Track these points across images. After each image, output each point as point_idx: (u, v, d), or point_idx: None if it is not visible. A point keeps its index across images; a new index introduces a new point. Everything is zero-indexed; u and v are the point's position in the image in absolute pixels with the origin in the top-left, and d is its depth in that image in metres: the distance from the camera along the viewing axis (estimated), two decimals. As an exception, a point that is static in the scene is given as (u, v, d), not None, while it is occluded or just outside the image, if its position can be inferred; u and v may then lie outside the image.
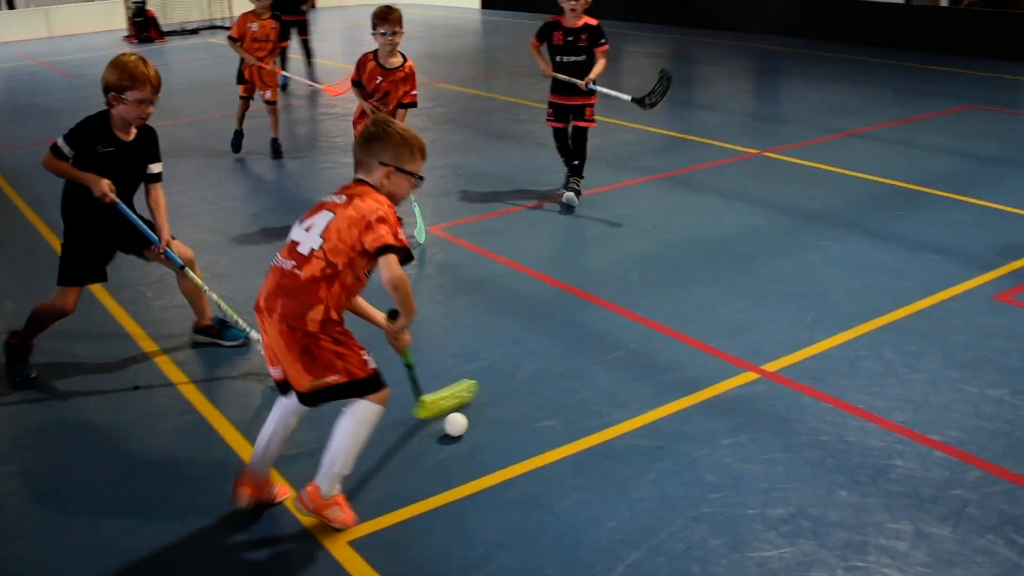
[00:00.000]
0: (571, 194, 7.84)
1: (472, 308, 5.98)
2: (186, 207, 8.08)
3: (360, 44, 15.24)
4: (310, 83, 12.33)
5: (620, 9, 19.21)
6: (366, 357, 3.75)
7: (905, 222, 7.20)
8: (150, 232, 5.13)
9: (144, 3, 19.59)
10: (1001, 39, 14.67)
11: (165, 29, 20.07)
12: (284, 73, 10.82)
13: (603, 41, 7.71)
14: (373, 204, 3.69)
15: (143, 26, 19.49)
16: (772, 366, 5.05)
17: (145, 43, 19.15)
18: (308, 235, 3.70)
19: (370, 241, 3.62)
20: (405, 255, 3.69)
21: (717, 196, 8.04)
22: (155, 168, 5.17)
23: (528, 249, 6.89)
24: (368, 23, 7.18)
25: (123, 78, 4.78)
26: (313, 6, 13.60)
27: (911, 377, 4.92)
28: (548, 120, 8.06)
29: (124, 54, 4.90)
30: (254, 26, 9.52)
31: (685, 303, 5.91)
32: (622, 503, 3.98)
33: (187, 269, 5.28)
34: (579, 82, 7.60)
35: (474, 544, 3.74)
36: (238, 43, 9.55)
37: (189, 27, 20.77)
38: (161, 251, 5.16)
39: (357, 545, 3.76)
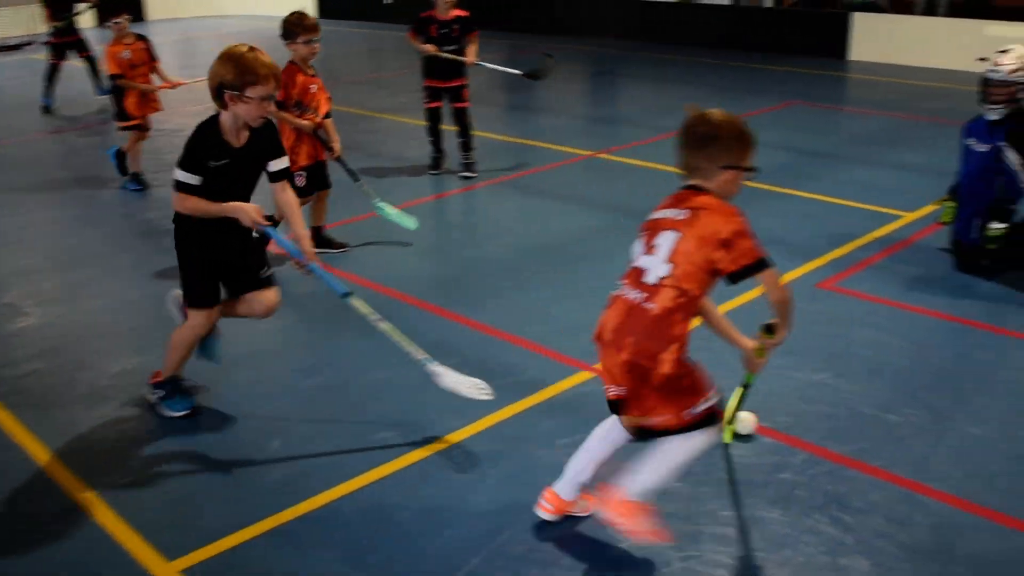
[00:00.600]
0: (469, 172, 8.81)
1: (308, 324, 5.90)
2: (12, 231, 7.76)
3: (196, 57, 14.93)
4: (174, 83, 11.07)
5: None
6: (711, 393, 3.47)
7: (734, 217, 7.43)
8: (294, 248, 4.57)
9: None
10: (822, 37, 15.29)
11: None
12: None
13: (474, 28, 8.62)
14: (723, 217, 3.32)
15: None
16: (607, 364, 5.13)
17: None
18: (654, 260, 3.37)
19: (731, 260, 3.28)
20: (771, 264, 3.39)
21: (554, 199, 8.15)
22: (278, 164, 4.67)
23: (367, 261, 6.85)
24: (202, 36, 7.02)
25: (244, 73, 4.21)
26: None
27: (739, 365, 5.06)
28: (425, 103, 8.89)
29: (234, 46, 4.33)
30: (126, 53, 8.63)
31: (524, 307, 5.97)
32: (462, 510, 3.99)
33: (351, 297, 4.72)
34: (466, 60, 8.54)
35: (311, 564, 3.69)
36: (122, 79, 8.65)
37: (10, 43, 19.95)
38: (305, 266, 4.60)
39: (190, 573, 3.66)
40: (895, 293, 5.97)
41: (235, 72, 4.21)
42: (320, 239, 6.90)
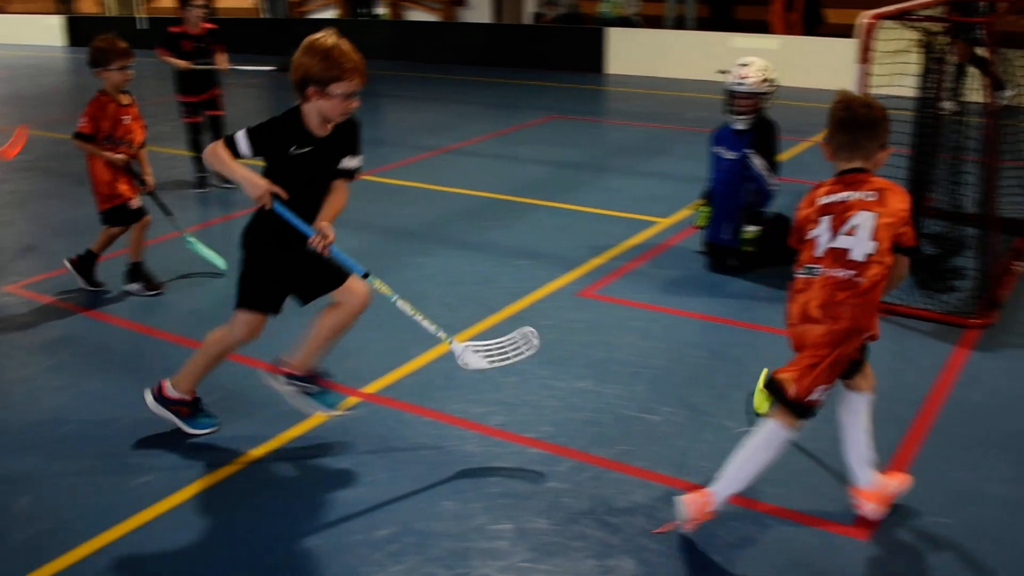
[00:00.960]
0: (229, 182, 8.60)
1: (59, 369, 5.54)
2: None
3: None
4: None
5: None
6: None
7: (496, 231, 7.49)
8: (309, 228, 4.28)
9: None
10: (579, 52, 15.72)
11: None
12: None
13: (222, 40, 9.00)
14: (902, 196, 3.64)
15: None
16: (372, 387, 5.06)
17: None
18: (857, 240, 3.58)
19: (911, 236, 3.63)
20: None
21: (318, 223, 7.99)
22: (352, 163, 4.46)
23: (119, 298, 6.52)
24: None
25: (330, 68, 4.04)
26: None
27: (505, 380, 5.08)
28: (184, 118, 9.19)
29: (320, 36, 4.10)
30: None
31: (285, 336, 5.77)
32: (223, 549, 3.82)
33: (371, 277, 4.55)
34: (223, 67, 8.90)
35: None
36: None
37: None
38: (323, 246, 4.27)
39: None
40: (653, 297, 6.15)
41: (321, 66, 4.05)
42: (139, 274, 6.54)
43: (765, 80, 6.42)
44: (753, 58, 6.54)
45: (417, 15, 20.57)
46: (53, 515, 4.12)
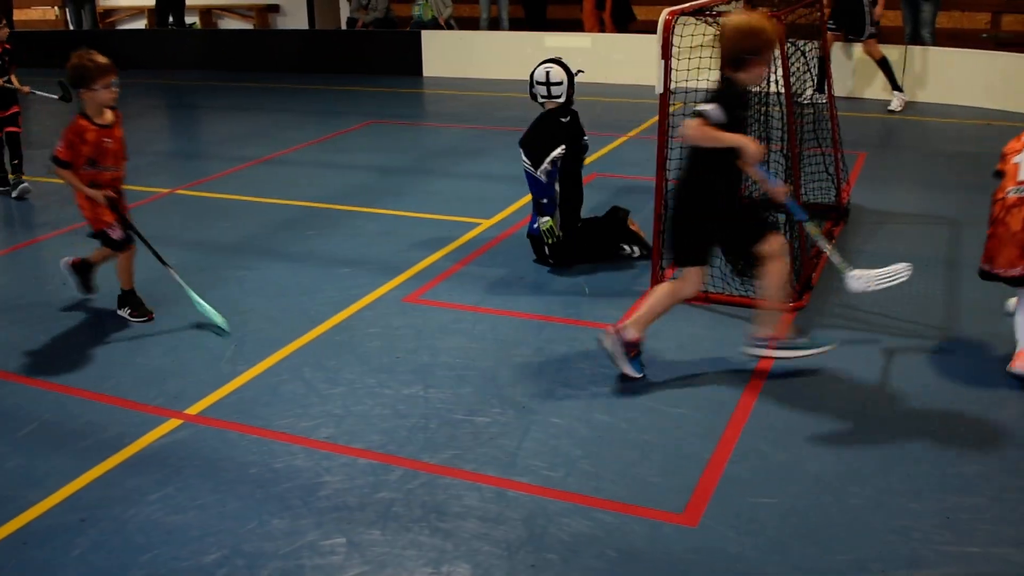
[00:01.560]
0: (25, 185, 9.09)
1: None
2: None
3: None
4: None
5: None
6: None
7: (318, 240, 7.41)
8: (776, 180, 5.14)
9: None
10: (395, 56, 15.69)
11: None
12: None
13: (16, 59, 9.05)
14: None
15: None
16: (195, 408, 4.92)
17: None
18: None
19: None
20: None
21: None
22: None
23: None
24: None
25: (761, 40, 4.68)
26: None
27: (331, 391, 5.04)
28: None
29: (744, 17, 4.81)
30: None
31: (101, 359, 5.60)
32: (41, 591, 3.66)
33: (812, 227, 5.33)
34: (22, 88, 8.90)
35: None
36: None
37: None
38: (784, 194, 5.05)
39: None
40: (477, 298, 6.19)
41: (756, 41, 4.67)
42: (128, 301, 6.16)
43: (532, 77, 6.70)
44: (543, 61, 6.75)
45: (230, 24, 20.16)
46: None
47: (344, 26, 18.13)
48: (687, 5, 6.57)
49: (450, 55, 15.37)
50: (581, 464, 4.34)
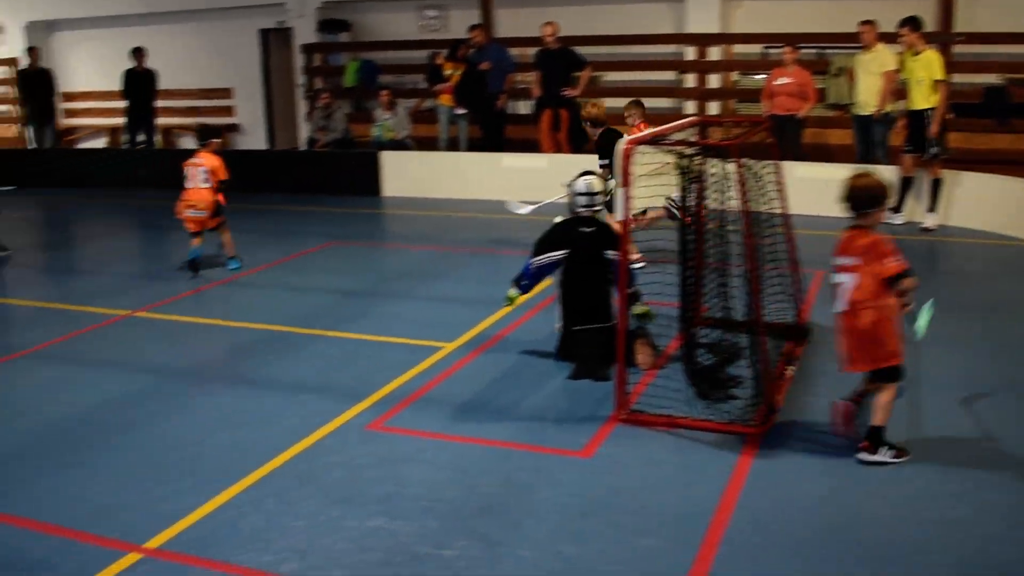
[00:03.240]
0: None
1: None
2: None
3: None
4: None
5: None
6: None
7: (279, 365, 7.33)
8: None
9: None
10: (354, 176, 15.83)
11: None
12: None
13: None
14: None
15: None
16: (153, 542, 4.78)
17: None
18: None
19: None
20: None
21: (83, 367, 7.57)
22: None
23: None
24: None
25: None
26: None
27: (294, 524, 4.92)
28: None
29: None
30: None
31: (56, 491, 5.45)
32: None
33: None
34: None
35: None
36: None
37: None
38: None
39: None
40: (441, 425, 6.12)
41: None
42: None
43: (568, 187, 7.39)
44: (581, 174, 7.43)
45: (190, 143, 20.23)
46: None
47: (303, 146, 18.29)
48: (645, 134, 6.73)
49: (409, 175, 15.53)
50: (549, 600, 4.25)
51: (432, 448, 5.81)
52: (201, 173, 10.55)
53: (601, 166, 9.02)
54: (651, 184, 7.15)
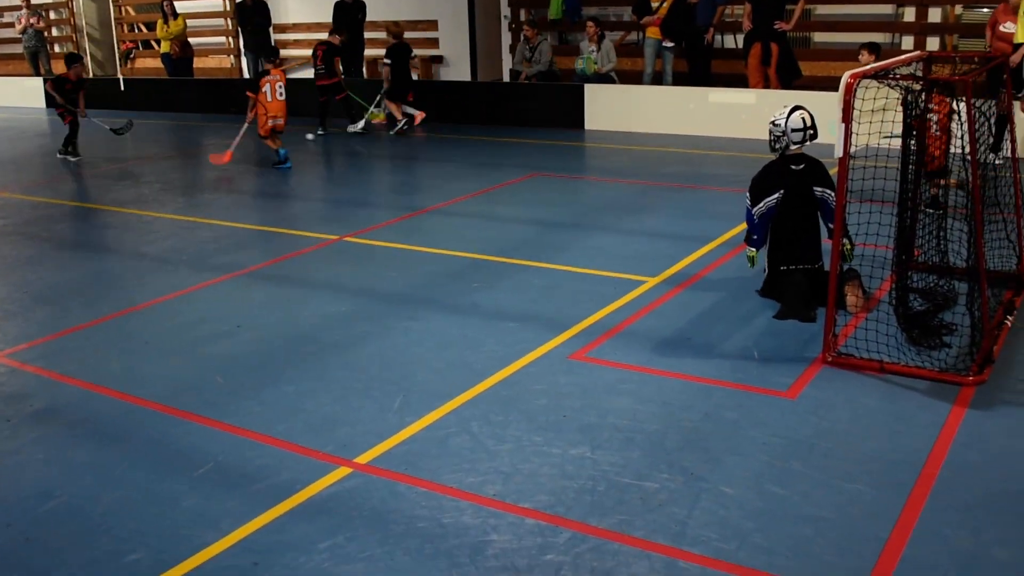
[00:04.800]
0: None
1: (44, 441, 5.45)
2: None
3: None
4: None
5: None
6: None
7: (483, 293, 7.46)
8: None
9: None
10: (558, 109, 15.81)
11: None
12: None
13: None
14: None
15: None
16: (364, 458, 4.98)
17: None
18: None
19: None
20: None
21: (301, 287, 7.95)
22: None
23: (105, 367, 6.44)
24: None
25: None
26: None
27: (498, 448, 5.03)
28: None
29: None
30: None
31: (273, 403, 5.74)
32: (216, 634, 3.73)
33: None
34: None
35: None
36: None
37: None
38: None
39: None
40: (644, 358, 6.11)
41: None
42: None
43: (772, 122, 7.00)
44: (791, 108, 7.02)
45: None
46: (39, 598, 4.05)
47: (507, 78, 18.39)
48: (868, 67, 6.43)
49: (613, 109, 15.40)
50: (753, 537, 4.21)
51: (634, 380, 5.81)
52: (279, 88, 12.83)
53: None
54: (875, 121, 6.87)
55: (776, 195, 6.86)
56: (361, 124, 15.86)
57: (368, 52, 19.34)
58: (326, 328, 6.91)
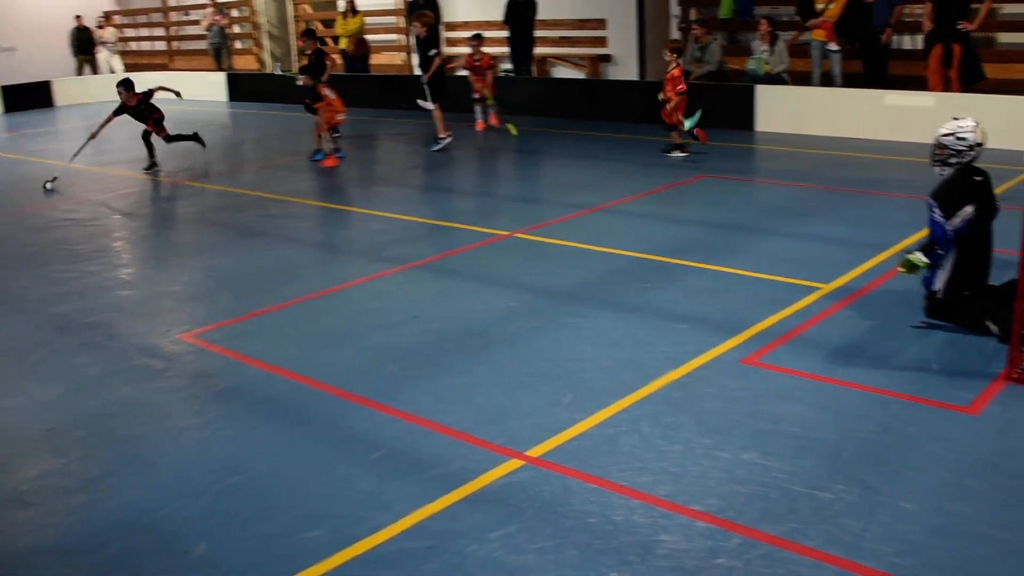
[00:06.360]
0: None
1: (229, 418, 5.72)
2: None
3: (108, 142, 14.66)
4: None
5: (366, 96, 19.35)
6: None
7: (653, 293, 7.44)
8: None
9: None
10: (727, 110, 15.59)
11: None
12: None
13: None
14: None
15: None
16: (535, 451, 5.05)
17: None
18: None
19: None
20: None
21: (472, 281, 8.09)
22: None
23: (285, 350, 6.70)
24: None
25: None
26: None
27: (669, 449, 5.02)
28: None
29: None
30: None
31: (444, 394, 5.87)
32: (393, 614, 3.85)
33: None
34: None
35: None
36: None
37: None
38: None
39: None
40: (817, 366, 6.00)
41: None
42: None
43: (954, 135, 6.55)
44: (966, 117, 6.68)
45: (563, 72, 20.75)
46: (230, 562, 4.24)
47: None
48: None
49: (784, 110, 15.11)
50: (930, 554, 4.09)
51: (808, 388, 5.71)
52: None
53: None
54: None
55: (970, 209, 6.44)
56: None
57: (537, 50, 19.46)
58: (496, 322, 7.02)
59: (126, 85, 13.65)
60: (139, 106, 13.74)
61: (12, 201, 12.59)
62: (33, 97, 24.09)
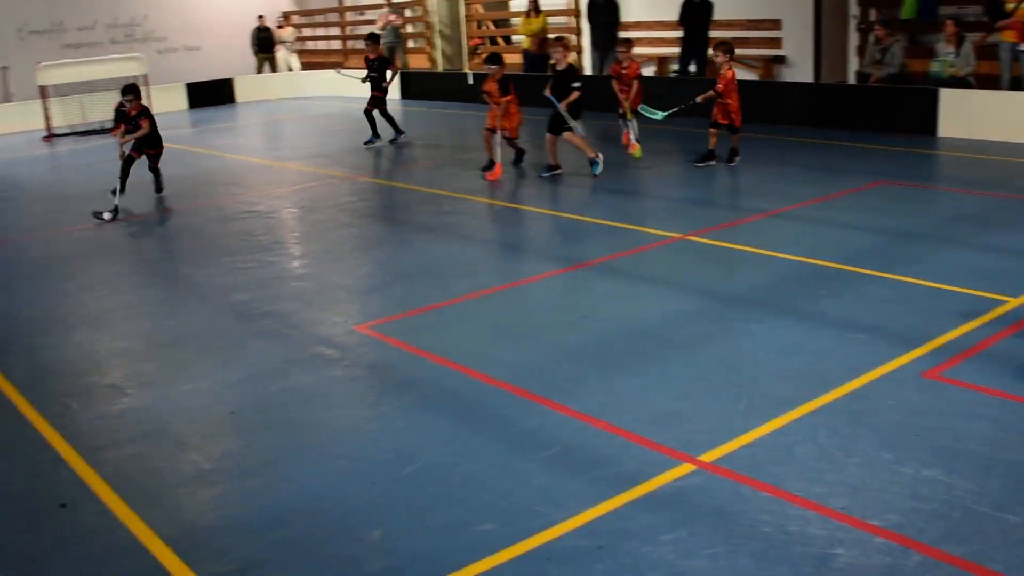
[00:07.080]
0: None
1: (404, 409, 5.88)
2: (111, 312, 7.92)
3: (282, 139, 15.25)
4: None
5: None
6: None
7: (829, 302, 7.28)
8: None
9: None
10: (907, 114, 15.10)
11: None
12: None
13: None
14: None
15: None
16: (708, 456, 5.02)
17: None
18: None
19: None
20: None
21: (643, 282, 8.08)
22: None
23: (457, 345, 6.83)
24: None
25: None
26: None
27: (846, 461, 4.92)
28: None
29: None
30: None
31: (617, 394, 5.88)
32: (566, 610, 3.89)
33: None
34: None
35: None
36: None
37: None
38: None
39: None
40: (1004, 383, 5.76)
41: None
42: None
43: None
44: None
45: (739, 73, 20.45)
46: (405, 550, 4.36)
47: (852, 80, 17.79)
48: None
49: (970, 115, 14.52)
50: None
51: (994, 405, 5.49)
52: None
53: None
54: None
55: None
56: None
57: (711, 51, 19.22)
58: (668, 324, 7.00)
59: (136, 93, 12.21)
60: (138, 117, 12.10)
61: (199, 194, 13.19)
62: (216, 94, 25.21)
